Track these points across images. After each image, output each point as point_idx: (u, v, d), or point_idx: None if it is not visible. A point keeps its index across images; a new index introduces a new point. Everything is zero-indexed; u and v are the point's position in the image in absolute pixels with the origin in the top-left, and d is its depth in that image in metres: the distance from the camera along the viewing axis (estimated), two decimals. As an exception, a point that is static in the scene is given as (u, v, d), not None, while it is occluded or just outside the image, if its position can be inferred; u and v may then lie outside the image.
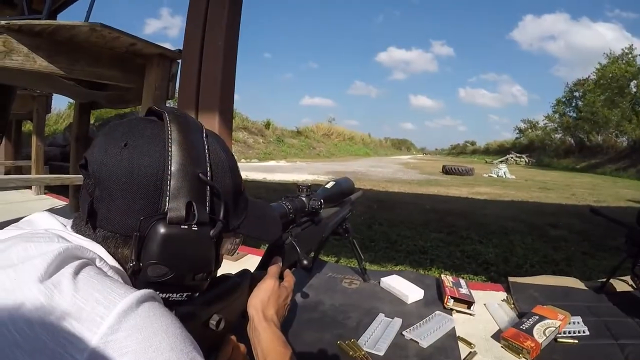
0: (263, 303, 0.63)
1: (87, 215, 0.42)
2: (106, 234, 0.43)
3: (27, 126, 5.01)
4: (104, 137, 0.45)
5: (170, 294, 0.45)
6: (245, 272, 0.66)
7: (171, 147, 0.43)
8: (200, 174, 0.44)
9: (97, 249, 0.42)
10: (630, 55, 20.58)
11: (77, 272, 0.35)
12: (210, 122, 1.56)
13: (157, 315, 0.35)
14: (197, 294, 0.48)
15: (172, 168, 0.43)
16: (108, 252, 0.43)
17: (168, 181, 0.42)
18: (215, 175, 0.47)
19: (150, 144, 0.43)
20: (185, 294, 0.46)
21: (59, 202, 3.09)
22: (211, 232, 0.45)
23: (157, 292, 0.43)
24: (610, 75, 20.39)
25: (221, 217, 0.46)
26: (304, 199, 0.90)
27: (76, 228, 0.45)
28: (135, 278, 0.43)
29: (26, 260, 0.35)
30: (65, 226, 0.45)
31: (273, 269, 0.70)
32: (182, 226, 0.42)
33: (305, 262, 0.79)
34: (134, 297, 0.35)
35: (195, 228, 0.43)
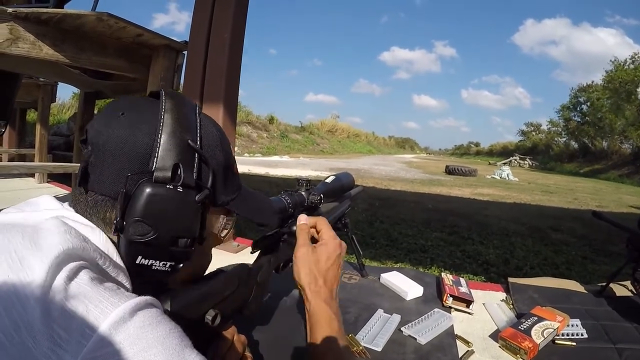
0: (306, 278, 0.65)
1: (80, 177, 0.44)
2: (97, 198, 0.44)
3: (32, 115, 5.03)
4: (104, 111, 0.47)
5: (153, 261, 0.44)
6: (242, 265, 0.66)
7: (164, 116, 0.45)
8: (189, 141, 0.46)
9: (98, 240, 0.42)
10: (637, 63, 20.41)
11: (71, 278, 0.34)
12: (215, 114, 1.56)
13: (153, 324, 0.34)
14: (181, 265, 0.46)
15: (163, 133, 0.44)
16: (107, 235, 0.43)
17: (158, 145, 0.44)
18: (205, 147, 0.49)
19: (145, 115, 0.46)
20: (168, 263, 0.45)
21: (61, 191, 3.10)
22: (196, 197, 0.45)
23: (141, 257, 0.43)
24: (620, 80, 20.22)
25: (208, 186, 0.47)
26: (303, 193, 0.89)
27: (72, 202, 0.46)
28: (118, 237, 0.43)
29: (23, 259, 0.34)
30: (62, 204, 0.46)
31: (301, 237, 0.68)
32: (168, 186, 0.43)
33: None
34: (127, 307, 0.34)
35: (180, 190, 0.44)
